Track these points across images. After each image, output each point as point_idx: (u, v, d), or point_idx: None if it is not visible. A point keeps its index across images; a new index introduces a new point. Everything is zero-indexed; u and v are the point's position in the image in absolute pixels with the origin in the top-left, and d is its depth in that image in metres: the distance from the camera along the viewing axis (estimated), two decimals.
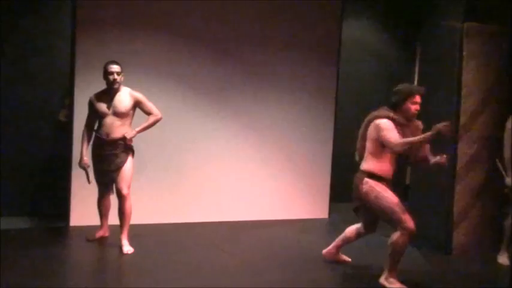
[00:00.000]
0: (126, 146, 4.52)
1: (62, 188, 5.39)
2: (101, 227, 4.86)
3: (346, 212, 4.77)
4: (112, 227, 4.82)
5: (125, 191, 4.48)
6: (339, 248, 4.50)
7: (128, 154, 4.55)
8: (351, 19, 7.04)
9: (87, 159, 4.63)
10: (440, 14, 5.09)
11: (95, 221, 4.90)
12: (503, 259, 4.71)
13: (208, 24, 5.69)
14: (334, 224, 5.81)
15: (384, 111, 3.99)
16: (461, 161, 4.88)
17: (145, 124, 4.59)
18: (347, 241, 4.45)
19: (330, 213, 6.24)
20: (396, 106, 3.98)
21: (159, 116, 4.62)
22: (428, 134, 3.66)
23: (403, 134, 3.92)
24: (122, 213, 4.51)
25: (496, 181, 4.93)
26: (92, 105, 4.59)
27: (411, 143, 3.76)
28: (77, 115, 5.17)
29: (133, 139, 4.56)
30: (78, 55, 5.22)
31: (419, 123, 4.05)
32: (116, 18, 5.33)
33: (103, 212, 4.83)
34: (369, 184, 3.98)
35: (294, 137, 6.11)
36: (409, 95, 3.95)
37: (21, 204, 5.61)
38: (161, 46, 5.52)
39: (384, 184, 4.00)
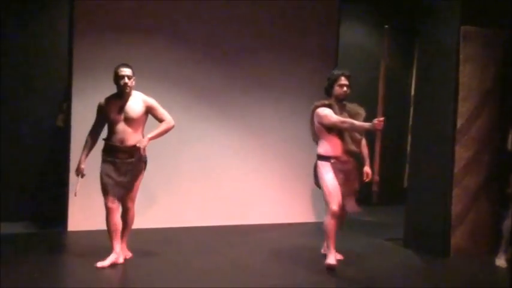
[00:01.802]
0: (140, 156, 4.18)
1: (60, 193, 5.39)
2: (113, 250, 4.23)
3: None
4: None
5: (130, 204, 4.31)
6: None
7: (141, 165, 4.25)
8: (348, 23, 7.05)
9: (84, 167, 4.27)
10: (437, 17, 5.11)
11: (93, 225, 4.88)
12: (500, 261, 4.71)
13: (206, 29, 5.70)
14: None
15: (322, 100, 4.48)
16: (458, 164, 4.88)
17: (157, 131, 4.26)
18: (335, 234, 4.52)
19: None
20: (328, 92, 4.49)
21: (172, 123, 4.31)
22: (367, 124, 4.18)
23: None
24: (125, 221, 4.33)
25: (493, 184, 4.95)
26: (101, 111, 4.24)
27: (352, 124, 4.25)
28: (75, 120, 5.17)
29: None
30: (76, 60, 5.22)
31: (362, 111, 4.48)
32: (113, 23, 5.34)
33: (114, 231, 4.21)
34: (318, 165, 4.46)
35: (293, 141, 6.11)
36: (335, 78, 4.43)
37: (20, 210, 5.60)
38: (159, 51, 5.52)
39: (333, 164, 4.36)
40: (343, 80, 4.41)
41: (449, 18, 4.96)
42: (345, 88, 4.41)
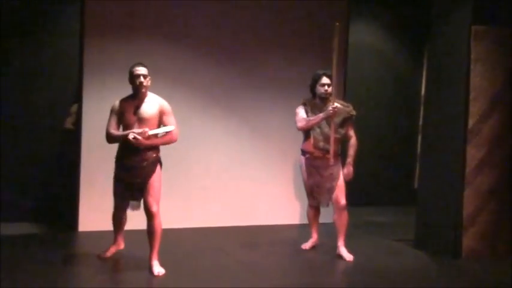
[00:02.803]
0: (154, 157, 4.11)
1: (70, 194, 5.42)
2: (114, 241, 4.47)
3: (349, 216, 4.78)
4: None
5: (154, 208, 4.07)
6: (316, 231, 4.99)
7: (155, 166, 4.13)
8: (358, 22, 7.03)
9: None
10: (448, 17, 5.07)
11: (104, 226, 4.89)
12: None
13: (210, 25, 5.69)
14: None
15: (303, 99, 4.75)
16: (470, 165, 4.84)
17: (161, 139, 4.11)
18: (312, 221, 4.98)
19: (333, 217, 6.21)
20: (312, 92, 4.70)
21: (175, 138, 4.16)
22: (321, 114, 4.48)
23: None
24: (151, 232, 4.10)
25: (506, 185, 4.90)
26: (116, 112, 4.12)
27: (308, 121, 4.56)
28: (85, 121, 5.19)
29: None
30: (86, 61, 5.24)
31: (344, 110, 4.60)
32: (124, 24, 5.36)
33: (118, 226, 4.42)
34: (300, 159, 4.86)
35: (300, 143, 6.09)
36: (317, 78, 4.64)
37: (30, 210, 5.64)
38: (164, 50, 5.50)
39: (307, 159, 4.72)
40: (324, 80, 4.59)
41: (460, 18, 4.92)
42: (326, 87, 4.59)
